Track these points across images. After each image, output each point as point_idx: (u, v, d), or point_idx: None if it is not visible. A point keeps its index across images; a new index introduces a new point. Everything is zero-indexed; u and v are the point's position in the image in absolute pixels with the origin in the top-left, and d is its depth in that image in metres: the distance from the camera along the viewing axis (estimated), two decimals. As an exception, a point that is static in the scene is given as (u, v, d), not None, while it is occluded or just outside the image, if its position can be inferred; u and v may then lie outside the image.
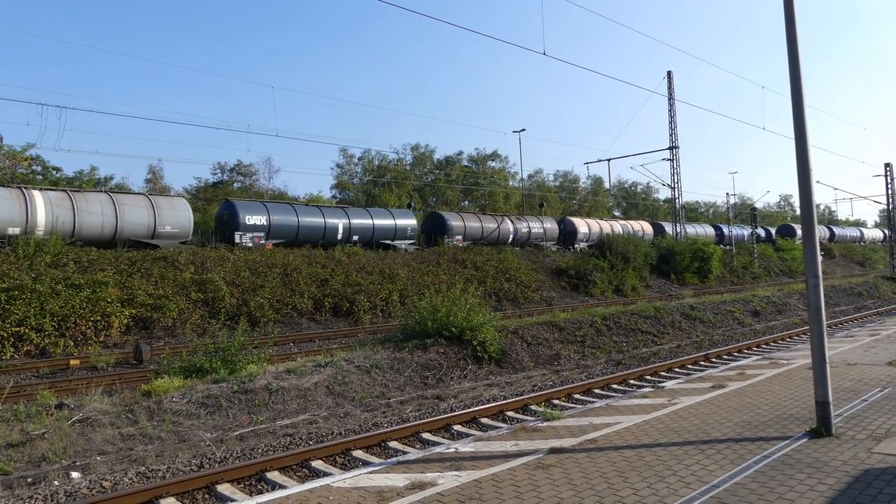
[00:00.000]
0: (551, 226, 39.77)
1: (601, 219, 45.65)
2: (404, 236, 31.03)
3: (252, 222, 25.45)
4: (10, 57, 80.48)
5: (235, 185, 50.40)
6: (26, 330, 16.12)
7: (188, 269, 21.26)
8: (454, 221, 34.18)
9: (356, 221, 28.94)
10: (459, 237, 33.94)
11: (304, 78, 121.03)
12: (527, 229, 37.74)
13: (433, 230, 33.85)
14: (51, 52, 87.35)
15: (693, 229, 50.19)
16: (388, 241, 30.29)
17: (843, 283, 36.56)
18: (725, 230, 54.23)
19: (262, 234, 25.65)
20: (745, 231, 56.52)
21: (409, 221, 31.71)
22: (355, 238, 28.84)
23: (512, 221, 37.42)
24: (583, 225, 41.58)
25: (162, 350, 16.60)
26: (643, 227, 47.19)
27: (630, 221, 47.14)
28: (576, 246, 39.90)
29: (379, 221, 30.14)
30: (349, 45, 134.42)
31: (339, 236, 28.19)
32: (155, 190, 44.46)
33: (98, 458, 8.58)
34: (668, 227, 47.44)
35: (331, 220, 27.94)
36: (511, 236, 36.78)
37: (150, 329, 18.82)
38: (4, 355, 15.63)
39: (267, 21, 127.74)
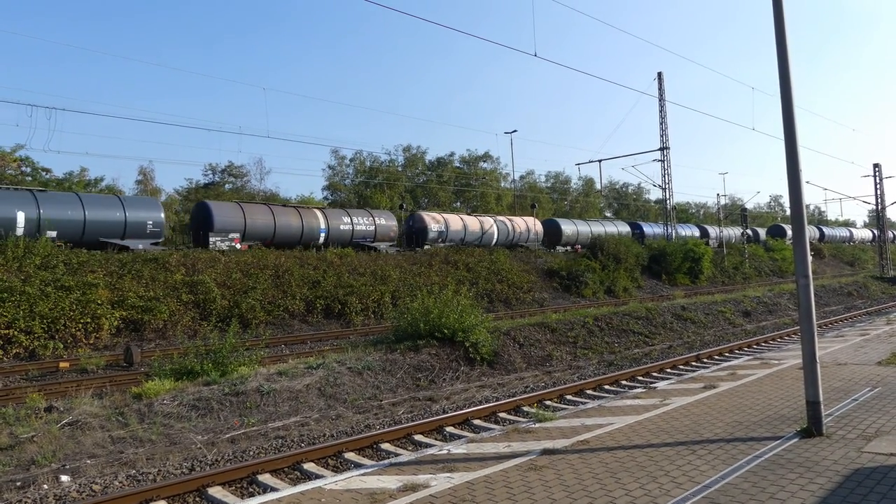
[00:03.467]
0: (386, 222, 32.97)
1: (470, 215, 38.74)
2: (142, 234, 23.83)
3: None
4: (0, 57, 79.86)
5: (227, 186, 50.22)
6: (15, 332, 15.96)
7: (179, 271, 21.15)
8: (224, 216, 26.03)
9: (52, 212, 21.05)
10: (235, 235, 26.07)
11: (295, 79, 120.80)
12: (348, 226, 30.88)
13: (198, 227, 26.60)
14: (40, 52, 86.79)
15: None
16: (113, 241, 22.68)
17: (833, 283, 36.82)
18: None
19: None
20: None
21: (153, 214, 24.26)
22: (52, 234, 20.93)
23: (325, 217, 30.02)
24: (435, 222, 34.66)
25: (152, 352, 16.49)
26: (529, 224, 40.63)
27: (514, 218, 40.79)
28: (425, 247, 33.84)
29: (97, 213, 22.38)
30: (341, 46, 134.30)
31: (20, 230, 20.27)
32: (145, 192, 44.18)
33: (88, 462, 8.51)
34: (565, 226, 42.73)
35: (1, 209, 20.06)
36: (323, 235, 29.63)
37: (141, 331, 18.70)
38: (-7, 358, 15.49)
39: (258, 22, 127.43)
